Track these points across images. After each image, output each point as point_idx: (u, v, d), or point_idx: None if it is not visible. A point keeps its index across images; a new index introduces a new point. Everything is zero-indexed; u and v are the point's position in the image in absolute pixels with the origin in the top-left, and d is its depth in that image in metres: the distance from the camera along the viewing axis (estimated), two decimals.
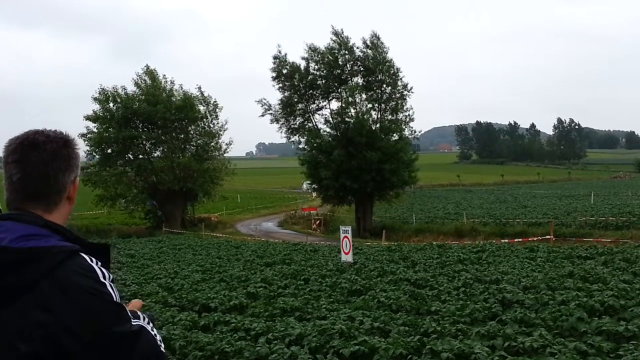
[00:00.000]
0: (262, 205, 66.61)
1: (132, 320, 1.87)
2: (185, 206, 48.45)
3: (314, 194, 53.53)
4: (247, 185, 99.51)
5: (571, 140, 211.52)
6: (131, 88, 46.15)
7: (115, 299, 1.84)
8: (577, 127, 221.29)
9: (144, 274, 18.02)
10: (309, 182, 45.12)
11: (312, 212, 50.73)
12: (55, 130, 2.05)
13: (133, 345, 1.84)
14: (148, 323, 2.05)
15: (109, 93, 45.10)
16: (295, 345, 7.46)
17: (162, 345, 2.00)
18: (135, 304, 2.21)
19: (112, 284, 1.87)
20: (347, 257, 17.99)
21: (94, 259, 1.86)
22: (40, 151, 1.94)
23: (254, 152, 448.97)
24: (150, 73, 46.82)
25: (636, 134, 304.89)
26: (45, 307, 1.73)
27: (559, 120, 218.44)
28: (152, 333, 1.96)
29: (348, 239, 18.14)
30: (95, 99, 44.82)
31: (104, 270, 1.86)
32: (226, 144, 49.39)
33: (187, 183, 44.95)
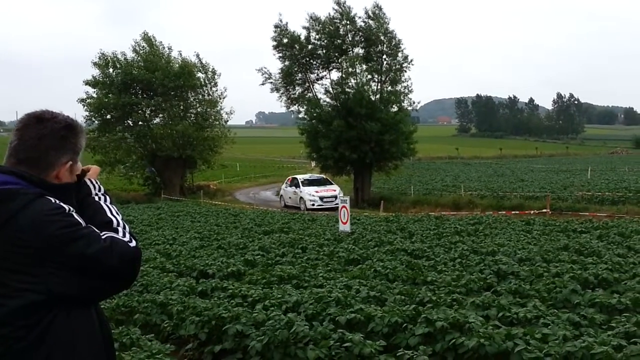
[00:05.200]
0: (261, 174, 66.66)
1: (101, 235, 2.08)
2: (184, 173, 48.46)
3: (313, 164, 53.42)
4: (246, 153, 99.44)
5: (570, 115, 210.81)
6: (130, 54, 45.94)
7: (83, 225, 2.06)
8: (576, 102, 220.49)
9: (142, 239, 18.05)
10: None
11: None
12: (67, 116, 2.25)
13: (109, 257, 2.03)
14: (103, 194, 2.37)
15: (109, 58, 44.81)
16: (292, 312, 7.52)
17: (133, 241, 2.18)
18: (95, 170, 2.45)
19: (76, 214, 2.10)
20: (345, 227, 18.08)
21: (57, 200, 2.07)
22: (41, 127, 2.14)
23: (254, 121, 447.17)
24: (148, 40, 46.46)
25: (634, 110, 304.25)
26: (19, 237, 1.97)
27: (559, 95, 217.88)
28: (120, 237, 2.15)
29: (346, 208, 18.20)
30: (94, 63, 44.60)
31: (65, 205, 2.07)
32: (227, 113, 49.30)
33: (186, 150, 44.91)
